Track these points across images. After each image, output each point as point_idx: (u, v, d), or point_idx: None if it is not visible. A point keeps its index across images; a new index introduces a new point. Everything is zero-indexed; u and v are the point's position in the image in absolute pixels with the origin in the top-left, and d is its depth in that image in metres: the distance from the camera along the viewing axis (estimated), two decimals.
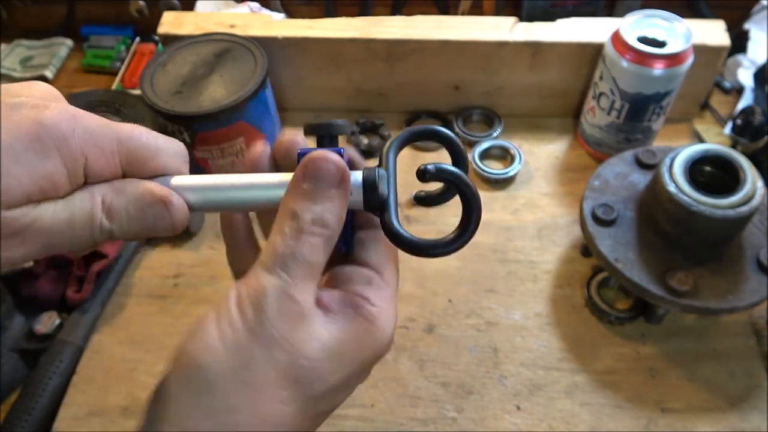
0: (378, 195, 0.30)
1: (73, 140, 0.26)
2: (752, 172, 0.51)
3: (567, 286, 0.62)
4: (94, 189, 0.28)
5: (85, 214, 0.27)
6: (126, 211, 0.28)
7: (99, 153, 0.27)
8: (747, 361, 0.56)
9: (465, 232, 0.30)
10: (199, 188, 0.31)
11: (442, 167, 0.29)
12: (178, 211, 0.29)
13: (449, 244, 0.30)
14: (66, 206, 0.27)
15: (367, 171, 0.30)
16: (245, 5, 0.86)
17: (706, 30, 0.68)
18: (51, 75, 0.90)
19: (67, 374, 0.57)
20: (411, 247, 0.30)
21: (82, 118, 0.27)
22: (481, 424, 0.53)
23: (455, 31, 0.71)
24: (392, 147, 0.33)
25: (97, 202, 0.28)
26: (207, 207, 0.31)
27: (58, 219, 0.27)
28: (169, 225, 0.29)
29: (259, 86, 0.65)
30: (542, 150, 0.74)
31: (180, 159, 0.31)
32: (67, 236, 0.27)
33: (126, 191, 0.28)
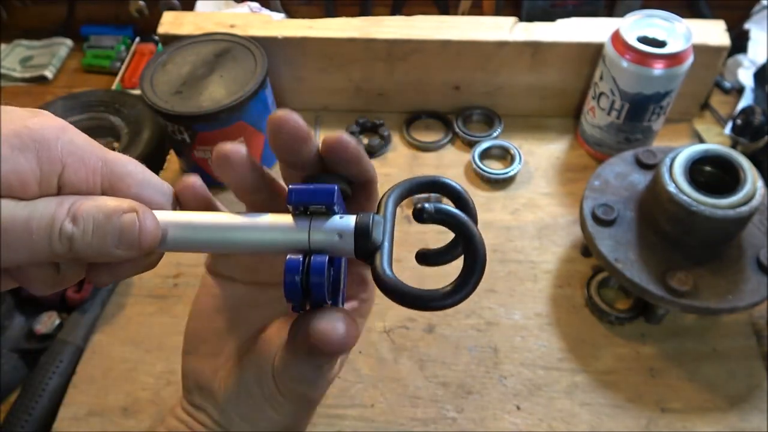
0: (371, 242, 0.27)
1: (55, 146, 0.25)
2: (752, 172, 0.51)
3: (567, 286, 0.62)
4: (64, 196, 0.26)
5: (46, 216, 0.25)
6: (92, 216, 0.26)
7: (80, 165, 0.26)
8: (747, 361, 0.56)
9: (466, 283, 0.27)
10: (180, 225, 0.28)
11: (443, 208, 0.26)
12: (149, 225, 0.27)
13: (448, 297, 0.27)
14: (28, 205, 0.25)
15: (360, 216, 0.28)
16: (245, 5, 0.86)
17: (706, 30, 0.68)
18: (51, 75, 0.90)
19: (67, 374, 0.57)
20: (404, 299, 0.26)
21: (71, 132, 0.26)
22: (481, 424, 0.53)
23: (455, 31, 0.71)
24: (392, 195, 0.30)
25: (63, 206, 0.25)
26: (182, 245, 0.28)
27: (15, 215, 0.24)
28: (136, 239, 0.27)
29: (259, 86, 0.65)
30: (542, 150, 0.74)
31: (164, 198, 0.29)
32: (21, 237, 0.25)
33: (97, 199, 0.26)
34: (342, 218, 0.28)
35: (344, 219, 0.28)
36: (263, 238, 0.28)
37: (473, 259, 0.27)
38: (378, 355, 0.57)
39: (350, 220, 0.28)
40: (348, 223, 0.27)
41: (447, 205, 0.27)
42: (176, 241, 0.28)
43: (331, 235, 0.27)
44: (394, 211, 0.29)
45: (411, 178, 0.31)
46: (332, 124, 0.78)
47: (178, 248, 0.28)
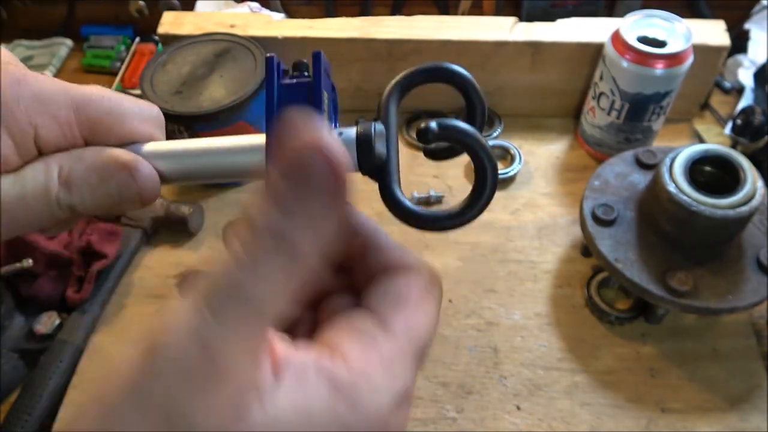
0: (375, 156, 0.24)
1: (18, 109, 0.23)
2: (752, 172, 0.51)
3: (567, 286, 0.62)
4: (49, 159, 0.25)
5: (38, 187, 0.24)
6: (86, 181, 0.25)
7: (51, 121, 0.24)
8: (747, 361, 0.56)
9: (477, 201, 0.25)
10: (172, 155, 0.26)
11: (448, 124, 0.24)
12: (147, 179, 0.25)
13: (458, 216, 0.25)
14: (16, 180, 0.24)
15: (361, 126, 0.25)
16: (245, 5, 0.86)
17: (706, 30, 0.68)
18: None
19: (67, 374, 0.57)
20: (414, 219, 0.24)
21: (29, 83, 0.24)
22: (481, 424, 0.53)
23: (455, 31, 0.71)
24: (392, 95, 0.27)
25: (52, 173, 0.24)
26: (181, 176, 0.27)
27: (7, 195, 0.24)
28: (136, 195, 0.25)
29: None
30: (542, 150, 0.74)
31: (152, 123, 0.27)
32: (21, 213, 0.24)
33: (85, 159, 0.25)
34: (341, 134, 0.25)
35: (344, 134, 0.25)
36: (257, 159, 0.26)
37: (482, 176, 0.25)
38: None
39: (350, 132, 0.25)
40: (349, 134, 0.25)
41: (452, 119, 0.24)
42: (174, 173, 0.27)
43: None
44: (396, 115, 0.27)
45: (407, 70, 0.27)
46: None
47: (177, 181, 0.27)
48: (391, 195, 0.25)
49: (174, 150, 0.27)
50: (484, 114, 0.27)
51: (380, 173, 0.25)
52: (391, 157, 0.25)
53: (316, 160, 0.20)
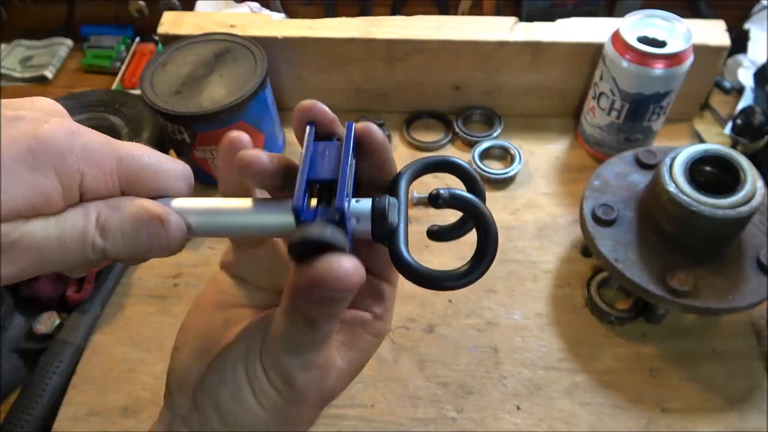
0: (387, 225, 0.28)
1: (70, 157, 0.26)
2: (752, 172, 0.51)
3: (567, 286, 0.62)
4: (89, 206, 0.27)
5: (77, 232, 0.26)
6: (120, 229, 0.27)
7: (97, 171, 0.27)
8: (747, 361, 0.56)
9: (480, 264, 0.28)
10: (200, 212, 0.29)
11: (457, 193, 0.27)
12: (175, 231, 0.28)
13: (463, 277, 0.28)
14: (57, 223, 0.26)
15: (377, 199, 0.28)
16: (245, 5, 0.86)
17: (706, 30, 0.68)
18: (51, 75, 0.90)
19: (67, 374, 0.57)
20: (422, 280, 0.28)
21: (81, 135, 0.26)
22: (481, 424, 0.53)
23: (455, 31, 0.71)
24: (405, 175, 0.31)
25: (91, 219, 0.27)
26: (207, 231, 0.29)
27: (48, 235, 0.26)
28: (165, 245, 0.28)
29: (259, 86, 0.65)
30: (542, 150, 0.74)
31: (183, 181, 0.30)
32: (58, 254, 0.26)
33: (122, 208, 0.27)
34: (358, 201, 0.28)
35: (360, 202, 0.28)
36: (284, 222, 0.28)
37: (486, 241, 0.28)
38: (378, 355, 0.57)
39: (366, 204, 0.28)
40: (365, 206, 0.28)
41: (460, 190, 0.28)
42: (200, 228, 0.29)
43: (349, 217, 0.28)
44: (407, 192, 0.30)
45: (421, 159, 0.31)
46: None
47: (203, 235, 0.29)
48: (401, 258, 0.28)
49: (202, 207, 0.29)
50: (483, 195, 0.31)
51: (390, 238, 0.28)
52: (400, 224, 0.29)
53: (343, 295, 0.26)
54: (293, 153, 0.75)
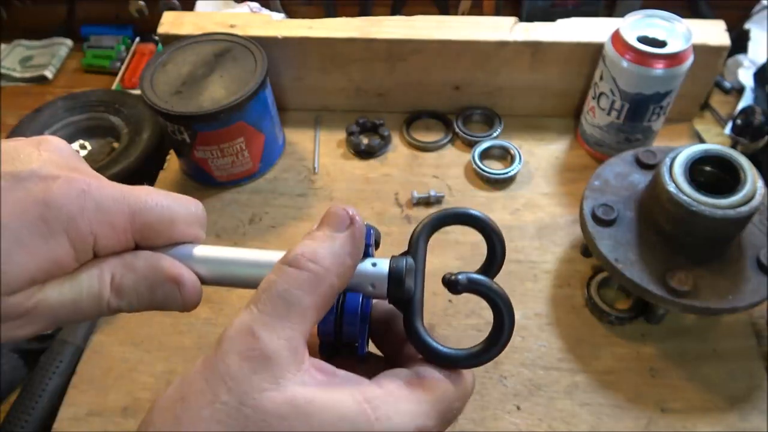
0: (404, 289, 0.28)
1: (82, 220, 0.25)
2: (752, 172, 0.51)
3: (567, 286, 0.62)
4: (103, 265, 0.27)
5: (93, 294, 0.26)
6: (136, 290, 0.27)
7: (110, 230, 0.26)
8: (747, 361, 0.56)
9: (493, 348, 0.28)
10: (215, 262, 0.29)
11: (474, 278, 0.27)
12: (190, 291, 0.28)
13: (477, 357, 0.28)
14: (72, 287, 0.26)
15: (394, 261, 0.28)
16: (245, 5, 0.86)
17: (706, 30, 0.68)
18: (51, 75, 0.90)
19: (67, 374, 0.57)
20: (436, 358, 0.28)
21: (92, 193, 0.26)
22: (481, 424, 0.53)
23: (455, 31, 0.71)
24: (423, 233, 0.30)
25: (106, 282, 0.27)
26: (221, 282, 0.29)
27: (64, 300, 0.26)
28: (180, 304, 0.28)
29: (259, 86, 0.65)
30: (542, 150, 0.74)
31: (196, 225, 0.30)
32: (73, 315, 0.26)
33: (136, 268, 0.27)
34: (375, 265, 0.28)
35: (377, 266, 0.28)
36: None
37: (501, 327, 0.28)
38: None
39: (384, 267, 0.28)
40: (382, 271, 0.28)
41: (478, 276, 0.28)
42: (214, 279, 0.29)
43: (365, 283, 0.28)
44: (425, 251, 0.30)
45: (439, 212, 0.31)
46: (332, 124, 0.78)
47: (217, 284, 0.29)
48: (415, 331, 0.28)
49: (218, 258, 0.29)
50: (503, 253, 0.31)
51: (406, 306, 0.28)
52: (417, 293, 0.29)
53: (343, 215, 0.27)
54: (293, 153, 0.75)
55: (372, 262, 0.28)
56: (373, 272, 0.28)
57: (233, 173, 0.71)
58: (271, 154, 0.73)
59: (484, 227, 0.31)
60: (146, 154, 0.73)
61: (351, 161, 0.74)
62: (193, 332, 0.60)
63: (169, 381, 0.56)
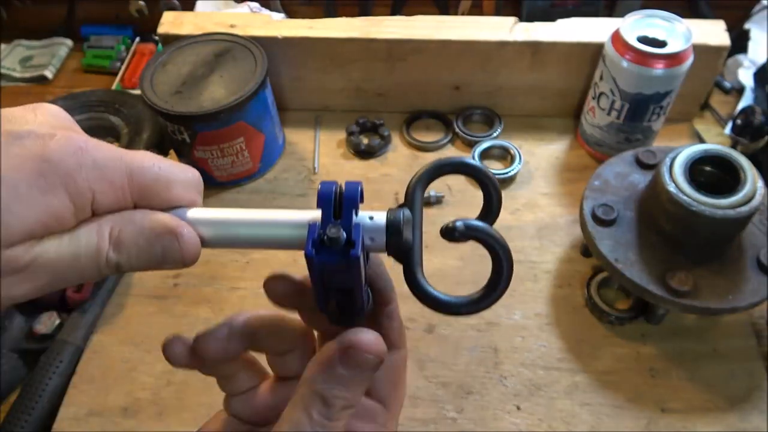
0: (403, 241, 0.28)
1: (80, 175, 0.25)
2: (752, 172, 0.51)
3: (567, 286, 0.62)
4: (101, 221, 0.27)
5: (91, 248, 0.26)
6: (134, 243, 0.27)
7: (108, 187, 0.26)
8: (747, 361, 0.56)
9: (494, 290, 0.28)
10: (213, 223, 0.29)
11: (472, 224, 0.27)
12: (189, 244, 0.28)
13: (477, 303, 0.29)
14: (71, 241, 0.26)
15: (391, 213, 0.28)
16: (245, 5, 0.86)
17: (706, 30, 0.68)
18: (51, 75, 0.90)
19: (67, 374, 0.57)
20: (437, 305, 0.28)
21: (90, 150, 0.26)
22: (481, 424, 0.53)
23: (455, 31, 0.71)
24: (418, 184, 0.30)
25: (104, 235, 0.27)
26: (221, 242, 0.29)
27: (62, 254, 0.26)
28: (179, 257, 0.28)
29: (259, 86, 0.65)
30: (542, 150, 0.74)
31: (194, 190, 0.30)
32: (72, 271, 0.26)
33: (135, 222, 0.27)
34: (372, 219, 0.28)
35: (374, 219, 0.28)
36: (294, 234, 0.28)
37: (500, 272, 0.28)
38: None
39: (381, 220, 0.28)
40: (379, 223, 0.28)
41: (476, 221, 0.28)
42: (214, 239, 0.29)
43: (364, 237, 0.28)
44: (421, 201, 0.30)
45: (434, 162, 0.30)
46: (332, 124, 0.78)
47: (216, 246, 0.30)
48: (415, 279, 0.28)
49: (215, 219, 0.29)
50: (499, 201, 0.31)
51: (405, 257, 0.29)
52: (415, 243, 0.29)
53: (369, 355, 0.28)
54: (293, 153, 0.75)
55: (369, 216, 0.28)
56: (370, 225, 0.28)
57: (233, 173, 0.71)
58: (271, 154, 0.73)
59: (478, 175, 0.31)
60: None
61: (351, 161, 0.74)
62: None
63: (170, 381, 0.56)
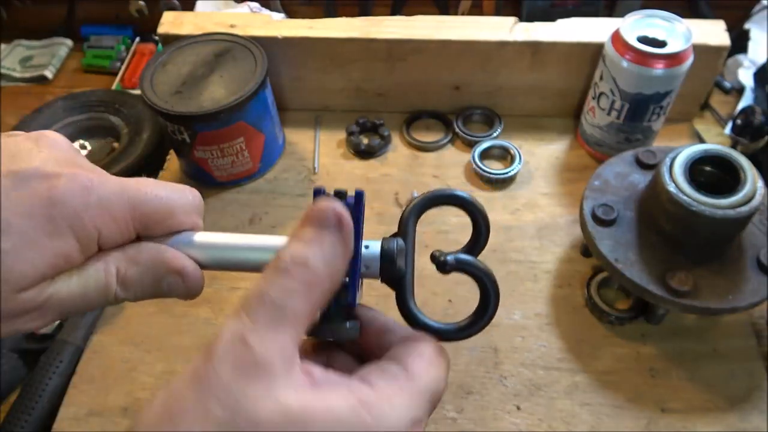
0: (396, 269, 0.30)
1: (86, 216, 0.26)
2: (752, 172, 0.51)
3: (567, 286, 0.62)
4: (108, 259, 0.28)
5: (100, 286, 0.28)
6: (141, 282, 0.28)
7: (113, 224, 0.27)
8: (747, 361, 0.56)
9: (480, 319, 0.30)
10: (214, 248, 0.30)
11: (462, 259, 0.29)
12: (193, 280, 0.29)
13: (463, 331, 0.31)
14: (80, 279, 0.27)
15: (386, 242, 0.30)
16: (245, 5, 0.86)
17: (706, 30, 0.68)
18: (51, 75, 0.90)
19: (67, 374, 0.57)
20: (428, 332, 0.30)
21: (95, 189, 0.27)
22: (481, 424, 0.53)
23: (455, 31, 0.71)
24: (412, 214, 0.31)
25: (112, 274, 0.28)
26: (221, 267, 0.31)
27: (73, 293, 0.27)
28: (184, 293, 0.29)
29: (259, 86, 0.65)
30: (542, 150, 0.74)
31: (194, 214, 0.31)
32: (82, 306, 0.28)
33: (140, 261, 0.28)
34: (367, 248, 0.30)
35: (370, 248, 0.30)
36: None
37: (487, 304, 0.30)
38: None
39: (375, 249, 0.29)
40: (374, 253, 0.29)
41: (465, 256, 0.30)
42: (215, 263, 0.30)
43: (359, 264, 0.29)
44: (414, 231, 0.31)
45: (427, 193, 0.32)
46: (332, 124, 0.78)
47: (216, 269, 0.31)
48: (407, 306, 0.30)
49: (217, 243, 0.30)
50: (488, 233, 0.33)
51: (398, 285, 0.30)
52: (408, 272, 0.30)
53: (330, 214, 0.27)
54: (293, 153, 0.75)
55: (365, 245, 0.30)
56: (366, 254, 0.29)
57: (233, 173, 0.71)
58: (271, 154, 0.73)
59: (469, 207, 0.32)
60: (146, 154, 0.73)
61: (351, 161, 0.74)
62: (193, 332, 0.60)
63: (169, 381, 0.56)
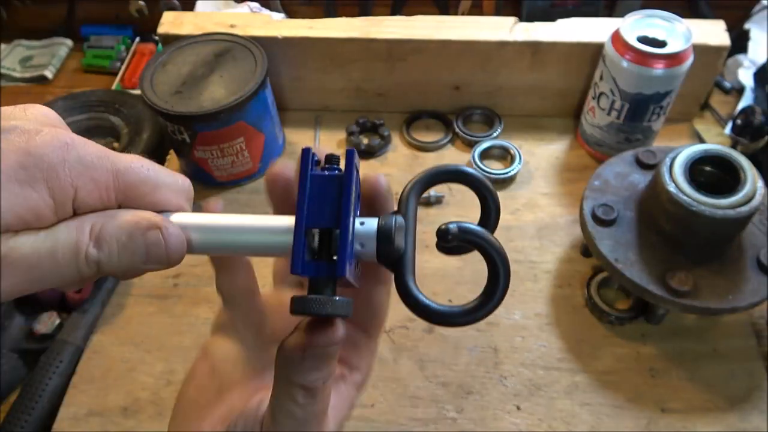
0: (394, 248, 0.26)
1: (63, 171, 0.24)
2: (752, 172, 0.51)
3: (567, 286, 0.62)
4: (82, 218, 0.25)
5: (69, 244, 0.25)
6: (116, 238, 0.26)
7: (92, 185, 0.25)
8: (747, 361, 0.56)
9: (490, 300, 0.26)
10: (199, 228, 0.27)
11: (467, 227, 0.25)
12: (175, 241, 0.27)
13: (471, 313, 0.26)
14: (48, 236, 0.24)
15: (383, 219, 0.26)
16: (245, 5, 0.86)
17: (706, 30, 0.68)
18: (51, 75, 0.90)
19: (67, 374, 0.57)
20: (430, 315, 0.26)
21: (75, 147, 0.25)
22: (481, 424, 0.53)
23: (455, 31, 0.71)
24: (413, 190, 0.28)
25: (84, 231, 0.25)
26: (208, 248, 0.28)
27: (38, 249, 0.24)
28: (164, 255, 0.27)
29: (259, 86, 0.65)
30: (542, 150, 0.74)
31: (183, 195, 0.29)
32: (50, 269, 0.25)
33: (117, 216, 0.26)
34: (363, 224, 0.26)
35: (365, 224, 0.26)
36: (284, 241, 0.26)
37: (496, 281, 0.26)
38: (378, 355, 0.57)
39: (372, 226, 0.26)
40: (370, 229, 0.26)
41: (471, 225, 0.26)
42: (200, 245, 0.28)
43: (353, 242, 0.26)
44: (415, 208, 0.28)
45: (430, 169, 0.29)
46: (332, 124, 0.78)
47: (202, 252, 0.28)
48: (406, 288, 0.26)
49: (202, 224, 0.27)
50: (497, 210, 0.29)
51: (397, 265, 0.27)
52: (408, 251, 0.27)
53: (335, 350, 0.27)
54: (293, 153, 0.75)
55: (360, 222, 0.26)
56: (361, 231, 0.26)
57: (233, 173, 0.71)
58: (271, 154, 0.73)
59: (475, 184, 0.29)
60: (146, 154, 0.73)
61: None
62: (193, 332, 0.60)
63: (169, 381, 0.56)
